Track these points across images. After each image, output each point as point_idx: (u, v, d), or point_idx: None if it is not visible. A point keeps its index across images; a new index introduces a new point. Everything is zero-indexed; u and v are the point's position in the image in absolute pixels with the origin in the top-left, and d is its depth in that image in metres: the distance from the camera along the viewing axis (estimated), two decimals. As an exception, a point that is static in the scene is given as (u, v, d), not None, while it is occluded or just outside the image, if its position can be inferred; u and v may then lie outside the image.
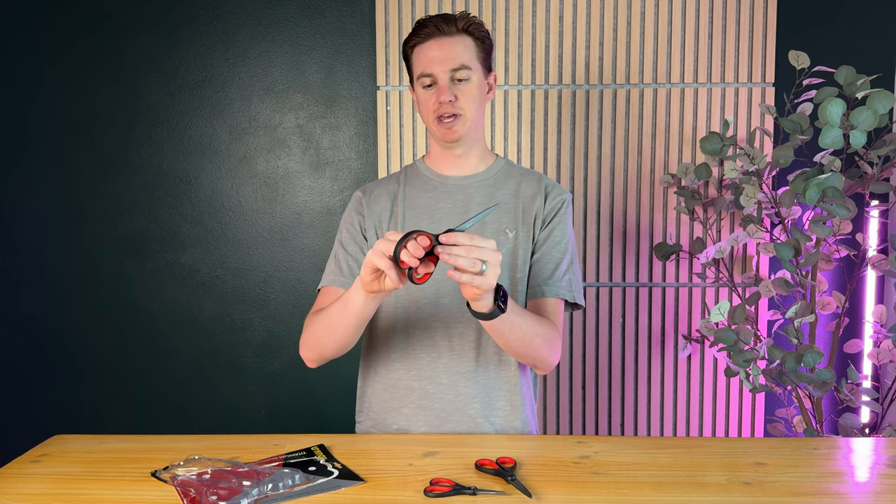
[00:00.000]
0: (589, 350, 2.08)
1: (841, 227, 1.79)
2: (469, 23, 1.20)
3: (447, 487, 0.93)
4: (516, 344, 1.13)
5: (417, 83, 1.22)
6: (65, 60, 2.16)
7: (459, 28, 1.19)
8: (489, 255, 0.93)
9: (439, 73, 1.18)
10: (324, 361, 1.23)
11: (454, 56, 1.18)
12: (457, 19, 1.19)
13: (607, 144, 2.04)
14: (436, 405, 1.23)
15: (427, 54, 1.19)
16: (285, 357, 2.22)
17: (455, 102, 1.19)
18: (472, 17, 1.21)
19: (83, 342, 2.24)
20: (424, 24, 1.20)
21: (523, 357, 1.17)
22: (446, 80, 1.18)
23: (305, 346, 1.21)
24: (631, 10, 2.00)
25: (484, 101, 1.25)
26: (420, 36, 1.20)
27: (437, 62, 1.18)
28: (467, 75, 1.19)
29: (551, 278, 1.23)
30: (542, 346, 1.15)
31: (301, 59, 2.15)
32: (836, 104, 1.58)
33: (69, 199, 2.21)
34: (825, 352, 2.02)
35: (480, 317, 1.04)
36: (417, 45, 1.21)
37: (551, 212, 1.26)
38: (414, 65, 1.23)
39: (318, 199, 2.19)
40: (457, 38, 1.19)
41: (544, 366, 1.19)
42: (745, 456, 1.05)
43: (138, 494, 0.94)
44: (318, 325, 1.17)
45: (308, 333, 1.20)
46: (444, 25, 1.18)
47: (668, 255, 1.99)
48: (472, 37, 1.20)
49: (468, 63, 1.19)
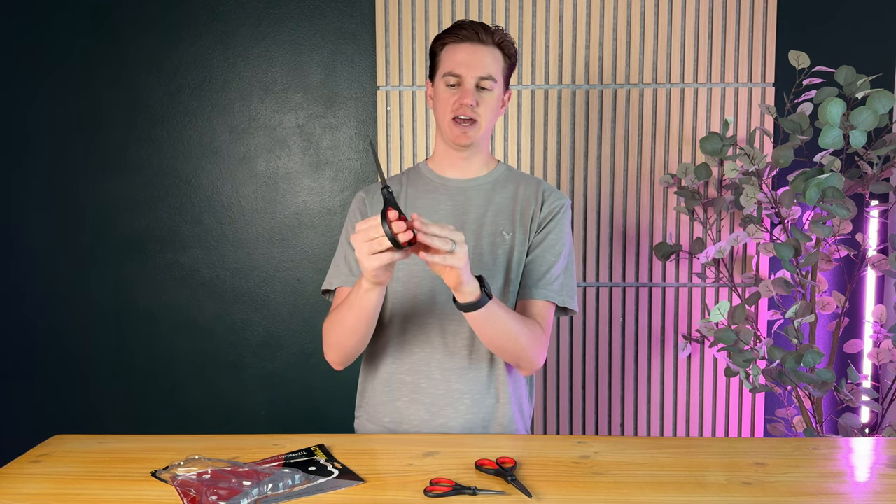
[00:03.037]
0: (589, 350, 2.08)
1: (841, 227, 1.79)
2: (503, 38, 1.24)
3: (447, 487, 0.93)
4: (499, 339, 1.15)
5: (441, 80, 1.24)
6: (65, 60, 2.16)
7: (495, 41, 1.23)
8: (456, 235, 1.00)
9: (467, 76, 1.21)
10: (350, 361, 1.26)
11: (485, 65, 1.22)
12: (493, 32, 1.23)
13: (607, 144, 2.04)
14: (427, 399, 1.25)
15: (459, 55, 1.22)
16: (285, 357, 2.22)
17: (475, 108, 1.22)
18: (507, 33, 1.26)
19: (83, 342, 2.24)
20: (463, 26, 1.23)
21: (507, 354, 1.19)
22: (472, 84, 1.22)
23: (331, 352, 1.24)
24: (631, 10, 2.00)
25: (498, 114, 1.28)
26: (457, 36, 1.23)
27: (466, 65, 1.21)
28: (491, 86, 1.23)
29: (542, 280, 1.24)
30: (526, 345, 1.17)
31: (301, 59, 2.15)
32: (836, 104, 1.58)
33: (69, 199, 2.21)
34: (825, 352, 2.02)
35: (464, 308, 1.08)
36: (451, 43, 1.24)
37: (548, 215, 1.28)
38: (442, 61, 1.25)
39: (318, 199, 2.19)
40: (490, 49, 1.23)
41: (527, 365, 1.21)
42: (745, 456, 1.05)
43: (138, 494, 0.94)
44: (338, 332, 1.20)
45: (330, 339, 1.23)
46: (482, 33, 1.22)
47: (668, 255, 1.99)
48: (503, 52, 1.25)
49: (495, 75, 1.23)
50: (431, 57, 1.29)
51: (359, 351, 1.23)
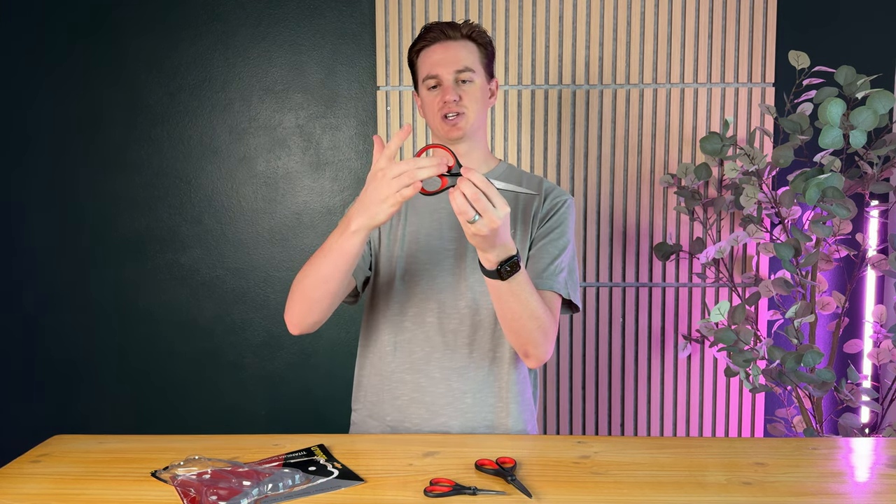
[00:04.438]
0: (589, 350, 2.08)
1: (841, 227, 1.79)
2: (472, 29, 1.25)
3: (447, 487, 0.93)
4: (509, 316, 1.12)
5: (423, 85, 1.26)
6: (65, 60, 2.16)
7: (463, 34, 1.25)
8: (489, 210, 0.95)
9: (444, 74, 1.22)
10: (312, 324, 1.18)
11: (459, 59, 1.23)
12: (461, 26, 1.25)
13: (607, 144, 2.04)
14: (427, 398, 1.25)
15: (432, 57, 1.24)
16: (285, 357, 2.22)
17: (459, 102, 1.22)
18: (475, 24, 1.26)
19: (83, 342, 2.24)
20: (430, 28, 1.25)
21: (517, 336, 1.15)
22: (451, 80, 1.23)
23: (293, 307, 1.16)
24: (631, 10, 2.00)
25: (486, 104, 1.28)
26: (426, 40, 1.25)
27: (441, 64, 1.22)
28: (471, 77, 1.23)
29: (546, 272, 1.22)
30: (536, 329, 1.13)
31: (301, 59, 2.15)
32: (836, 104, 1.58)
33: (69, 199, 2.21)
34: (825, 352, 2.02)
35: (484, 273, 1.06)
36: (423, 48, 1.26)
37: (550, 210, 1.27)
38: (419, 68, 1.27)
39: (318, 199, 2.19)
40: (461, 43, 1.24)
41: (535, 354, 1.17)
42: (745, 456, 1.05)
43: (138, 494, 0.94)
44: (306, 282, 1.13)
45: (295, 293, 1.15)
46: (448, 30, 1.24)
47: (668, 255, 1.99)
48: (475, 42, 1.26)
49: (472, 66, 1.24)
50: (411, 67, 1.30)
51: (323, 312, 1.16)
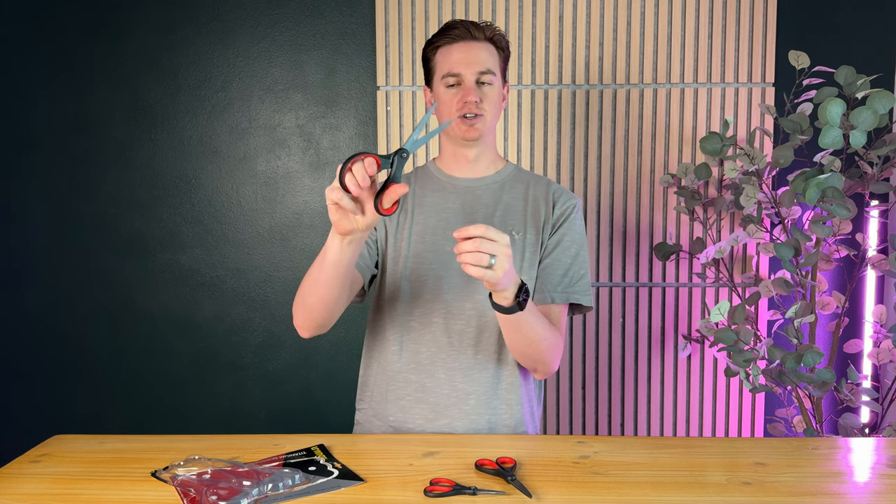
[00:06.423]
0: (589, 350, 2.08)
1: (841, 227, 1.79)
2: (494, 32, 1.26)
3: (447, 487, 0.93)
4: (523, 344, 1.15)
5: (440, 82, 1.25)
6: (65, 60, 2.16)
7: (487, 36, 1.25)
8: (499, 248, 0.96)
9: (467, 74, 1.22)
10: (315, 328, 1.19)
11: (482, 60, 1.23)
12: (484, 27, 1.25)
13: (607, 144, 2.04)
14: (431, 399, 1.25)
15: (455, 55, 1.23)
16: (285, 357, 2.22)
17: (480, 104, 1.23)
18: (496, 27, 1.27)
19: (83, 342, 2.24)
20: (454, 26, 1.24)
21: (526, 358, 1.19)
22: (473, 81, 1.22)
23: (296, 313, 1.19)
24: (631, 10, 2.00)
25: (500, 108, 1.29)
26: (449, 37, 1.24)
27: (464, 64, 1.22)
28: (491, 80, 1.24)
29: (559, 284, 1.25)
30: (545, 351, 1.17)
31: (301, 59, 2.14)
32: (835, 104, 1.58)
33: (69, 199, 2.21)
34: (825, 352, 2.02)
35: (499, 310, 1.07)
36: (444, 45, 1.25)
37: (560, 217, 1.28)
38: (438, 64, 1.26)
39: (318, 199, 2.19)
40: (483, 45, 1.24)
41: (544, 370, 1.23)
42: (745, 456, 1.05)
43: (138, 494, 0.94)
44: (303, 287, 1.16)
45: (296, 298, 1.19)
46: (473, 30, 1.24)
47: (668, 255, 1.99)
48: (496, 46, 1.26)
49: (493, 69, 1.24)
50: (425, 63, 1.29)
51: (324, 318, 1.17)
